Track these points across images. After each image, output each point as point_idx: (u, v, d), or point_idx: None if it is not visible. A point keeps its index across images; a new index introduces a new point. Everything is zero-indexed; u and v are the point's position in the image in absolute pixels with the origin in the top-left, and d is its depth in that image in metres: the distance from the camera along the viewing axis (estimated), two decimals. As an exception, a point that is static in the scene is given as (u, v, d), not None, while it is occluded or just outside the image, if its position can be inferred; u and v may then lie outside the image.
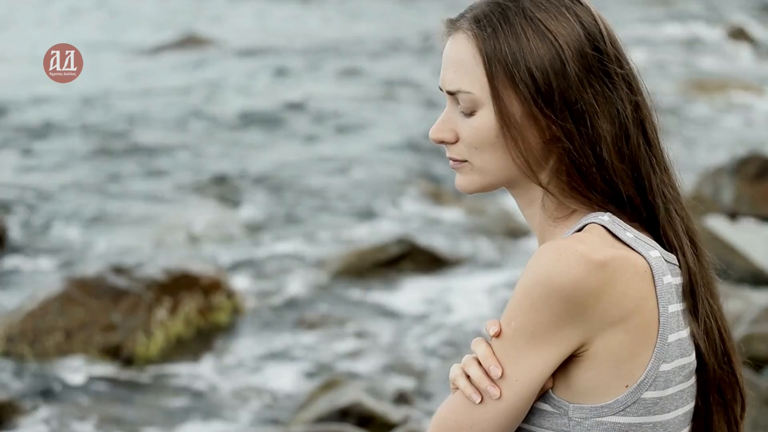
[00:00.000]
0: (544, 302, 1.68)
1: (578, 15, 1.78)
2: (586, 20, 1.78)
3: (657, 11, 22.65)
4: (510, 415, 1.72)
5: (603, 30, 1.79)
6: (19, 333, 7.04)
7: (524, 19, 1.76)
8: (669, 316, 1.74)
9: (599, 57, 1.77)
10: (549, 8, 1.77)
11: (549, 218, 1.81)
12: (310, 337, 7.43)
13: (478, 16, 1.79)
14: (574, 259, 1.68)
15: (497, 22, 1.77)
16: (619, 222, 1.76)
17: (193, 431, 6.21)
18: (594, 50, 1.77)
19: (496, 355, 1.72)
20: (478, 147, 1.79)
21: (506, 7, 1.78)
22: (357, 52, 18.50)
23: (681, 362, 1.76)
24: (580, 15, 1.78)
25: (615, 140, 1.76)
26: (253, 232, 9.75)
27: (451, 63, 1.80)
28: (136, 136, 13.13)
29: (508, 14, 1.77)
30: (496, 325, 1.73)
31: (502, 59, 1.75)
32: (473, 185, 1.83)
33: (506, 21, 1.77)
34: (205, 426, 6.25)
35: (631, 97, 1.79)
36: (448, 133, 1.82)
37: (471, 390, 1.73)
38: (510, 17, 1.77)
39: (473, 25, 1.78)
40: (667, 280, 1.74)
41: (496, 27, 1.77)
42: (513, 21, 1.76)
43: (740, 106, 14.32)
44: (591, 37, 1.77)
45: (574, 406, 1.73)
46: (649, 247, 1.75)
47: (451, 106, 1.81)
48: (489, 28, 1.77)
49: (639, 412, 1.73)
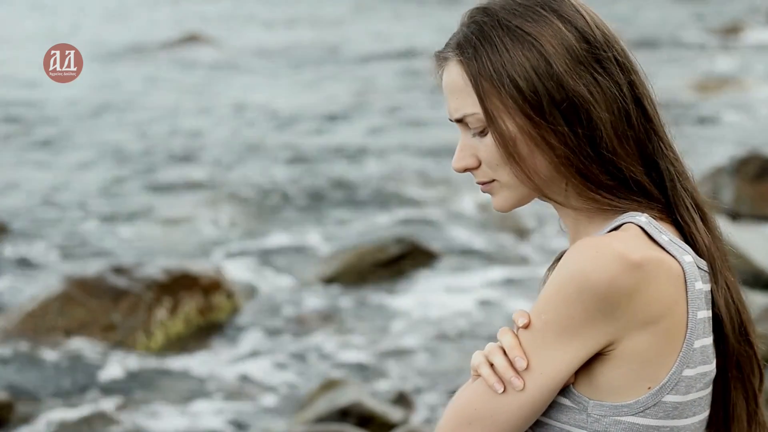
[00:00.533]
0: (577, 298, 1.67)
1: (556, 10, 1.77)
2: (566, 13, 1.77)
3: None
4: (531, 407, 1.71)
5: (586, 16, 1.78)
6: (19, 333, 7.04)
7: (501, 30, 1.76)
8: (697, 322, 1.73)
9: (587, 46, 1.76)
10: (524, 12, 1.77)
11: (581, 216, 1.81)
12: (310, 337, 7.43)
13: (460, 42, 1.79)
14: (611, 257, 1.67)
15: (476, 40, 1.77)
16: (655, 224, 1.75)
17: (192, 431, 6.21)
18: (580, 40, 1.76)
19: (522, 347, 1.71)
20: (500, 163, 1.79)
21: (482, 23, 1.78)
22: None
23: (703, 369, 1.75)
24: (558, 9, 1.77)
25: (615, 126, 1.75)
26: (253, 232, 9.75)
27: (450, 92, 1.81)
28: (136, 135, 13.13)
29: (485, 29, 1.77)
30: (525, 316, 1.72)
31: (486, 76, 1.76)
32: (509, 202, 1.83)
33: (484, 37, 1.77)
34: (204, 426, 6.24)
35: (625, 78, 1.78)
36: (469, 159, 1.82)
37: (494, 379, 1.72)
38: (486, 32, 1.77)
39: (457, 51, 1.79)
40: (698, 286, 1.74)
41: (476, 45, 1.77)
42: (490, 35, 1.77)
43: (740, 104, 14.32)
44: (574, 27, 1.76)
45: (594, 403, 1.73)
46: (683, 251, 1.75)
47: (465, 133, 1.82)
48: (470, 49, 1.77)
49: (658, 415, 1.72)
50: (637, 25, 20.59)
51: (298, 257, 9.02)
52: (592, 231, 1.80)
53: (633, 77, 1.79)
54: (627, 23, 20.21)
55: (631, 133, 1.77)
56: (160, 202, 10.53)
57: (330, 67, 17.42)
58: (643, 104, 1.79)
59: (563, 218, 1.85)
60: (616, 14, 20.50)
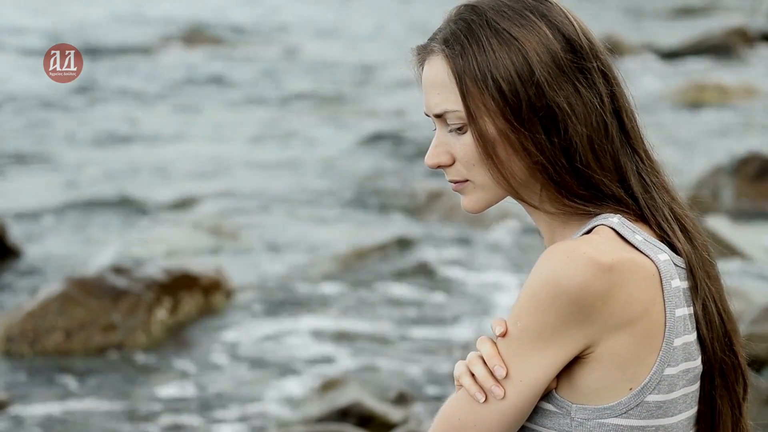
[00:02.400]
0: (551, 304, 1.68)
1: (545, 15, 1.77)
2: (555, 19, 1.77)
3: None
4: (513, 415, 1.73)
5: (575, 24, 1.78)
6: (19, 333, 7.05)
7: (489, 31, 1.76)
8: (676, 320, 1.73)
9: (572, 55, 1.76)
10: (513, 16, 1.76)
11: (555, 221, 1.81)
12: (310, 336, 7.43)
13: (446, 36, 1.79)
14: (581, 262, 1.68)
15: (464, 38, 1.77)
16: (628, 224, 1.75)
17: (192, 431, 6.21)
18: (566, 49, 1.76)
19: (501, 355, 1.72)
20: (476, 163, 1.79)
21: (471, 21, 1.78)
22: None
23: (686, 366, 1.76)
24: (547, 15, 1.77)
25: (591, 140, 1.76)
26: (252, 232, 9.75)
27: (431, 87, 1.80)
28: (134, 131, 13.14)
29: (473, 28, 1.77)
30: (501, 324, 1.73)
31: (471, 75, 1.76)
32: (480, 203, 1.83)
33: (472, 36, 1.77)
34: (204, 426, 6.25)
35: (607, 89, 1.78)
36: (443, 156, 1.82)
37: (475, 389, 1.73)
38: (475, 31, 1.77)
39: (443, 45, 1.79)
40: (675, 284, 1.74)
41: (463, 43, 1.77)
42: (478, 34, 1.77)
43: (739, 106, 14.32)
44: (562, 35, 1.76)
45: (577, 407, 1.73)
46: (658, 250, 1.75)
47: (441, 129, 1.81)
48: (457, 45, 1.77)
49: (642, 415, 1.73)
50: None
51: (298, 257, 9.02)
52: (567, 234, 1.80)
53: (615, 89, 1.80)
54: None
55: (608, 146, 1.77)
56: (160, 202, 10.53)
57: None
58: (622, 117, 1.80)
59: (537, 222, 1.85)
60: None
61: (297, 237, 9.59)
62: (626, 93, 1.82)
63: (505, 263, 8.78)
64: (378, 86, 15.81)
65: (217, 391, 6.65)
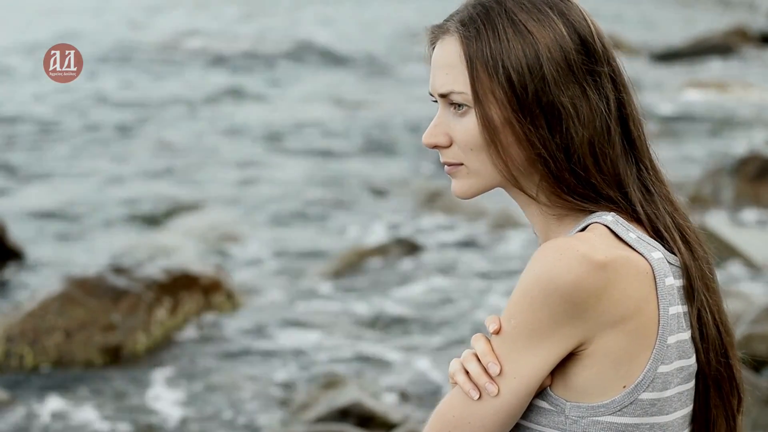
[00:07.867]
0: (544, 301, 1.69)
1: (564, 14, 1.77)
2: (573, 18, 1.78)
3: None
4: (507, 412, 1.73)
5: (591, 27, 1.79)
6: (19, 333, 7.04)
7: (506, 20, 1.76)
8: (669, 318, 1.74)
9: (584, 57, 1.77)
10: (531, 9, 1.77)
11: (550, 217, 1.81)
12: (310, 336, 7.43)
13: (463, 19, 1.79)
14: (575, 259, 1.68)
15: (480, 23, 1.77)
16: (623, 222, 1.76)
17: (192, 431, 6.22)
18: (579, 50, 1.76)
19: (495, 352, 1.73)
20: (474, 148, 1.79)
21: (490, 8, 1.78)
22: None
23: (680, 364, 1.76)
24: (566, 13, 1.78)
25: (592, 143, 1.76)
26: (252, 232, 9.75)
27: (441, 66, 1.80)
28: (135, 135, 13.14)
29: (491, 15, 1.77)
30: (495, 322, 1.73)
31: (483, 61, 1.76)
32: (471, 189, 1.83)
33: (489, 22, 1.77)
34: (204, 426, 6.25)
35: (615, 95, 1.79)
36: (441, 137, 1.81)
37: (469, 386, 1.74)
38: (493, 18, 1.77)
39: (459, 27, 1.79)
40: (668, 282, 1.74)
41: (479, 28, 1.77)
42: (495, 22, 1.77)
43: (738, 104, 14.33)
44: (577, 35, 1.77)
45: (571, 405, 1.74)
46: (652, 248, 1.75)
47: (443, 109, 1.82)
48: (473, 29, 1.77)
49: (636, 413, 1.73)
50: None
51: (297, 257, 9.03)
52: (562, 232, 1.80)
53: (623, 96, 1.80)
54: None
55: (609, 151, 1.77)
56: (159, 203, 10.54)
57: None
58: (629, 124, 1.80)
59: (532, 218, 1.85)
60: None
61: (297, 237, 9.59)
62: (635, 101, 1.82)
63: (505, 263, 8.78)
64: (378, 86, 15.81)
65: (216, 390, 6.66)
